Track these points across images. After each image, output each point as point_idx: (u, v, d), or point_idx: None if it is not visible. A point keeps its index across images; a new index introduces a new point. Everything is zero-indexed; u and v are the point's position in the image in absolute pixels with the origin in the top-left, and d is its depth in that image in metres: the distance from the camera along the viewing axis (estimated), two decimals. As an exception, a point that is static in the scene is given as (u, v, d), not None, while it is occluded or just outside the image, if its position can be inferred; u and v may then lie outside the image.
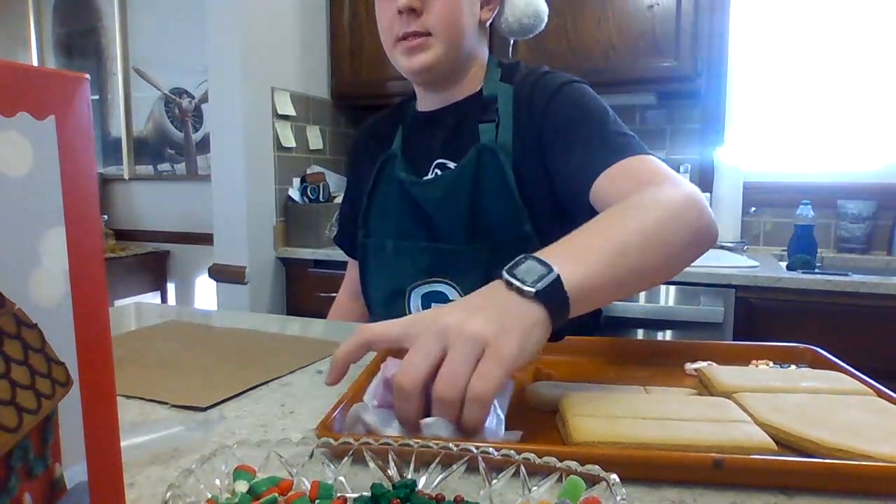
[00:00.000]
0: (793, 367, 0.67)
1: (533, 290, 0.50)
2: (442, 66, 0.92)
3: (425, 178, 0.97)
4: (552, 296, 0.50)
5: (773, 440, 0.46)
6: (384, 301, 1.01)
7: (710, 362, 0.67)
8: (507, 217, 0.90)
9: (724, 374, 0.59)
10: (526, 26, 1.00)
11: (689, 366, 0.68)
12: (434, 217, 0.95)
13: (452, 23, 0.89)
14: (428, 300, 0.96)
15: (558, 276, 0.51)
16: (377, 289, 1.03)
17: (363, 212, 1.02)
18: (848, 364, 0.64)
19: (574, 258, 0.55)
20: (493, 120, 0.93)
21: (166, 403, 0.59)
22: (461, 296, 0.94)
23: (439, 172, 0.97)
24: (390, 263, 0.99)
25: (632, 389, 0.59)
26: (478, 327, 0.46)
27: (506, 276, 0.52)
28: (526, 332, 0.48)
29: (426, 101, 1.02)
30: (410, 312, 0.97)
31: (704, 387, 0.60)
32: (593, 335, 0.77)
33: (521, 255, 0.54)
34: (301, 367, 0.71)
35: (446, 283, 0.95)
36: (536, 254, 0.55)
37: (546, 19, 1.01)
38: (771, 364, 0.68)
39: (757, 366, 0.67)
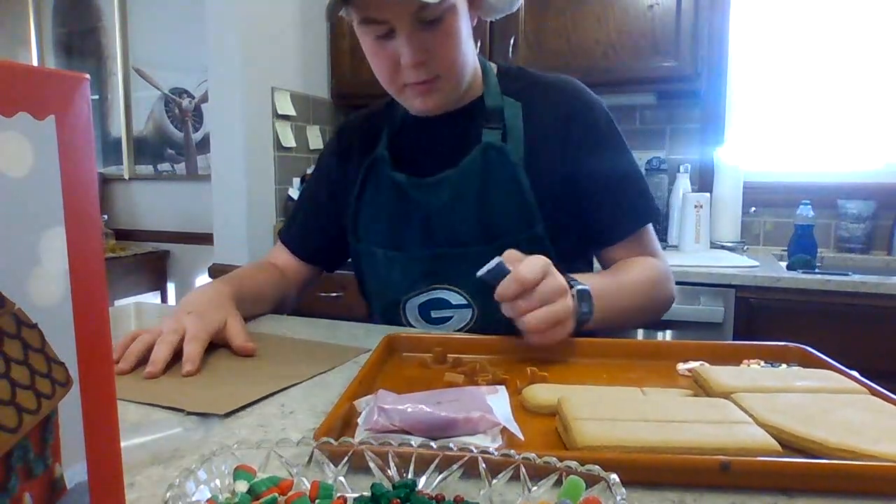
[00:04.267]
0: (784, 366, 0.67)
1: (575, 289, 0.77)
2: (453, 98, 0.92)
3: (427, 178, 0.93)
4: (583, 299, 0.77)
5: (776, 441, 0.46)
6: (382, 311, 1.00)
7: (702, 362, 0.67)
8: (517, 217, 0.89)
9: (720, 375, 0.59)
10: (496, 8, 0.94)
11: (682, 366, 0.68)
12: (435, 220, 0.92)
13: (459, 62, 0.88)
14: (426, 308, 0.93)
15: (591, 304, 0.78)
16: (375, 298, 1.01)
17: (352, 216, 0.99)
18: (849, 364, 0.64)
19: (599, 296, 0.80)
20: (499, 127, 0.91)
21: (182, 411, 0.56)
22: (466, 300, 0.91)
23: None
24: (382, 274, 0.97)
25: (629, 391, 0.59)
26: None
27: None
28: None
29: None
30: (409, 322, 0.95)
31: (700, 387, 0.59)
32: (596, 334, 0.78)
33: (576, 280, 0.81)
34: (320, 373, 0.69)
35: (448, 289, 0.92)
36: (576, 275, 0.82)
37: (520, 1, 0.95)
38: (762, 363, 0.68)
39: (749, 365, 0.67)
